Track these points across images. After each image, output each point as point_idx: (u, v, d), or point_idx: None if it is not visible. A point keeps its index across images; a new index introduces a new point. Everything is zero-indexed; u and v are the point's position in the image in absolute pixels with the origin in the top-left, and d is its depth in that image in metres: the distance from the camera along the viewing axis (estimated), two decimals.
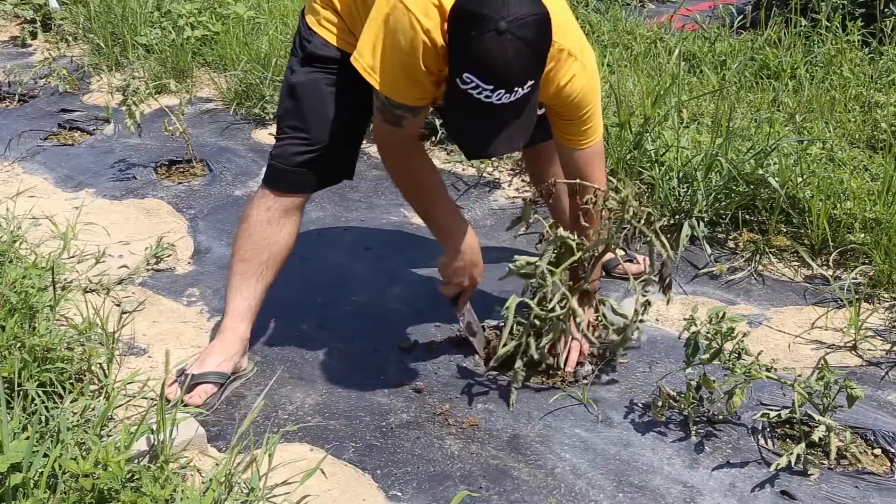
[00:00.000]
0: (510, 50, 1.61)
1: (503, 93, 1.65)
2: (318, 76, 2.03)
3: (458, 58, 1.67)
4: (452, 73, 1.70)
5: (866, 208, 2.63)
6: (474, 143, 1.80)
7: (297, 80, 2.06)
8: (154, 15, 4.74)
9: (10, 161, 3.50)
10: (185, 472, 1.70)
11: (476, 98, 1.67)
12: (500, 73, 1.63)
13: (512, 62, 1.62)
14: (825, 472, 1.81)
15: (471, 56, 1.64)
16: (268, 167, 2.10)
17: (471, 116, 1.73)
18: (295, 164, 2.05)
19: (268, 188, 2.09)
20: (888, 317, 2.39)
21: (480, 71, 1.64)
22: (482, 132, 1.76)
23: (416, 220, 2.98)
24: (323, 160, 2.06)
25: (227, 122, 3.95)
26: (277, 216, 2.08)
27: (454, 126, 1.84)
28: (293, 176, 2.07)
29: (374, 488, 1.78)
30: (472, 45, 1.63)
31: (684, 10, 4.71)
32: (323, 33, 2.03)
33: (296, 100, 2.06)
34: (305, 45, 2.05)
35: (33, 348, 1.87)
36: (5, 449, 1.44)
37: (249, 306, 2.11)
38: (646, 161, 3.03)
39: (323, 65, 2.03)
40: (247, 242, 2.09)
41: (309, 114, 2.04)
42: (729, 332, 1.87)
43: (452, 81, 1.70)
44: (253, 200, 2.12)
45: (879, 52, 3.79)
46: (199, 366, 2.05)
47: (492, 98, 1.66)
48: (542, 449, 1.89)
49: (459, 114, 1.75)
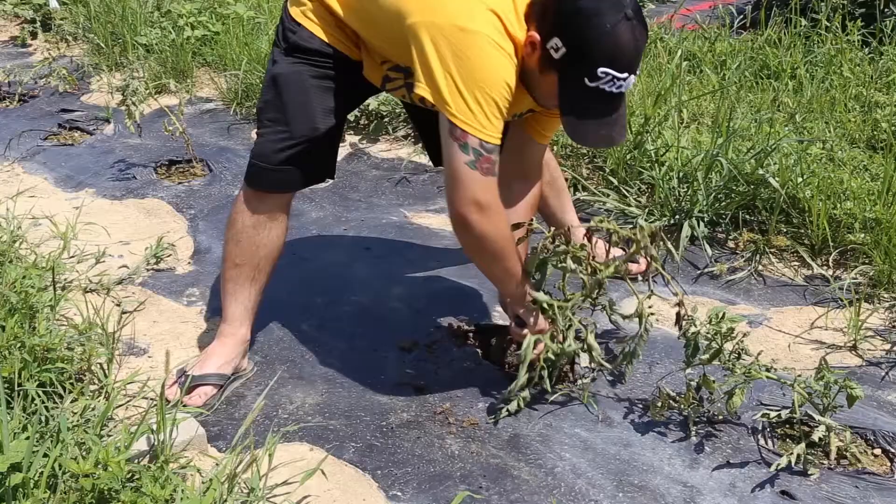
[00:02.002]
0: (639, 33, 1.68)
1: (632, 78, 1.70)
2: (303, 67, 1.96)
3: (588, 57, 1.68)
4: (578, 76, 1.69)
5: (866, 208, 2.63)
6: (608, 140, 1.80)
7: (279, 71, 1.98)
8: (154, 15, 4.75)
9: (10, 161, 3.50)
10: (185, 472, 1.70)
11: (608, 92, 1.70)
12: (634, 59, 1.69)
13: (641, 45, 1.70)
14: (825, 472, 1.81)
15: (606, 49, 1.66)
16: (249, 166, 2.04)
17: (597, 112, 1.74)
18: (276, 161, 1.98)
19: (250, 189, 2.04)
20: (888, 317, 2.39)
21: (617, 61, 1.67)
22: (614, 126, 1.77)
23: (416, 220, 2.98)
24: (305, 156, 1.99)
25: (227, 122, 3.95)
26: (264, 219, 2.04)
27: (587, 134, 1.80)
28: (275, 175, 2.00)
29: (374, 488, 1.78)
30: (607, 37, 1.65)
31: (684, 9, 4.71)
32: (308, 25, 1.95)
33: (277, 91, 1.98)
34: (289, 36, 1.97)
35: (33, 348, 1.87)
36: (5, 449, 1.44)
37: (246, 309, 2.11)
38: (646, 161, 3.04)
39: (307, 56, 1.96)
40: (236, 248, 2.06)
41: (290, 106, 1.97)
42: (729, 333, 1.87)
43: (577, 86, 1.70)
44: (237, 204, 2.06)
45: (879, 51, 3.80)
46: (199, 367, 2.05)
47: (622, 87, 1.70)
48: (542, 448, 1.89)
49: (591, 116, 1.75)
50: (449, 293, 2.51)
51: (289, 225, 2.12)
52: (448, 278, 2.53)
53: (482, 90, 1.70)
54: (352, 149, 3.62)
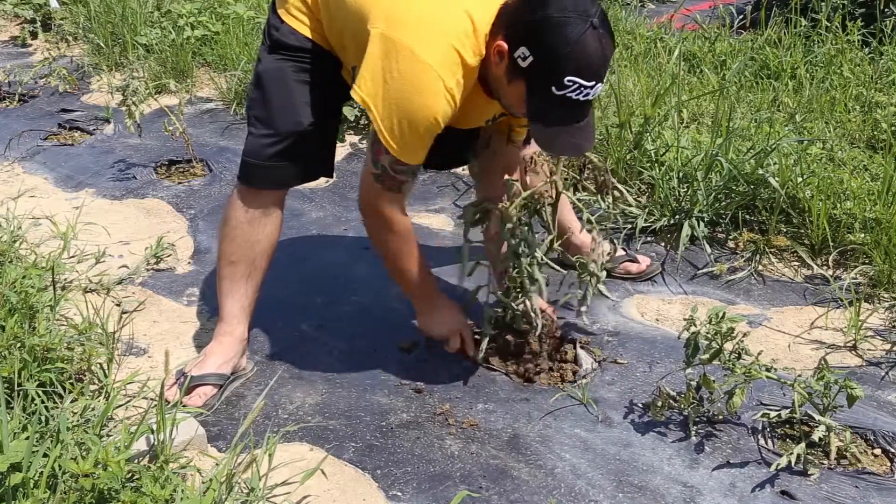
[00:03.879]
0: (605, 42, 1.69)
1: (599, 86, 1.71)
2: (285, 64, 1.98)
3: (556, 66, 1.67)
4: (545, 84, 1.69)
5: (866, 208, 2.63)
6: (576, 147, 1.81)
7: (262, 69, 2.01)
8: (154, 15, 4.75)
9: (10, 161, 3.50)
10: (185, 472, 1.70)
11: (574, 100, 1.70)
12: (601, 67, 1.70)
13: (607, 54, 1.70)
14: (825, 472, 1.81)
15: (574, 58, 1.66)
16: (241, 164, 2.05)
17: (565, 119, 1.74)
18: (266, 157, 2.00)
19: (243, 186, 2.05)
20: (888, 317, 2.39)
21: (584, 69, 1.67)
22: (583, 134, 1.77)
23: (415, 220, 2.97)
24: (293, 152, 2.00)
25: (227, 121, 3.95)
26: (258, 216, 2.04)
27: (553, 142, 1.81)
28: (266, 171, 2.01)
29: (374, 488, 1.78)
30: (574, 48, 1.65)
31: (684, 9, 4.72)
32: (291, 22, 1.97)
33: (261, 88, 2.00)
34: (272, 33, 2.00)
35: (33, 348, 1.87)
36: (5, 449, 1.44)
37: (243, 307, 2.11)
38: (646, 161, 3.04)
39: (290, 53, 1.97)
40: (231, 245, 2.07)
41: (274, 102, 1.98)
42: (729, 332, 1.87)
43: (544, 96, 1.70)
44: (231, 202, 2.08)
45: (879, 52, 3.80)
46: (198, 367, 2.05)
47: (589, 95, 1.70)
48: (542, 449, 1.89)
49: (558, 124, 1.75)
50: (449, 293, 2.50)
51: (283, 220, 2.12)
52: (448, 278, 2.53)
53: (411, 120, 1.75)
54: (352, 149, 3.62)
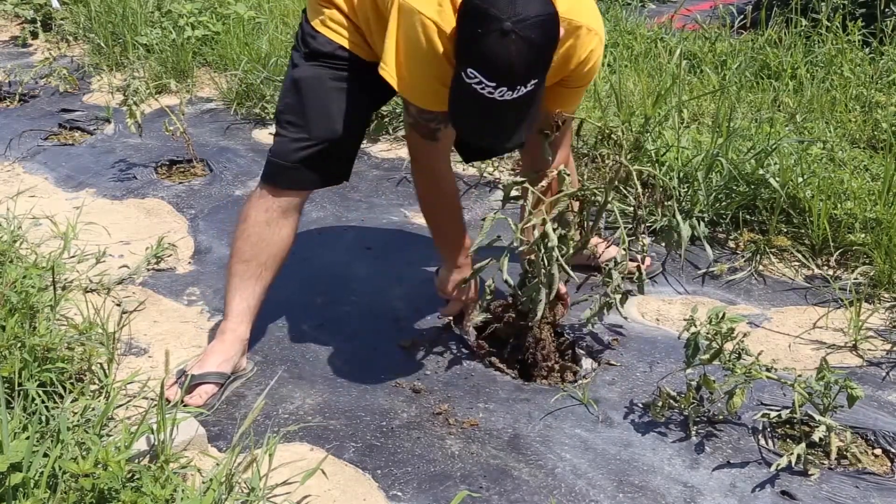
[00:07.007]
0: (514, 50, 1.62)
1: (505, 90, 1.67)
2: (324, 71, 2.02)
3: (464, 52, 1.69)
4: (458, 65, 1.70)
5: (867, 208, 2.63)
6: (479, 137, 1.83)
7: (301, 75, 2.04)
8: (154, 15, 4.75)
9: (10, 161, 3.50)
10: (185, 471, 1.70)
11: (479, 93, 1.68)
12: (503, 71, 1.65)
13: (515, 62, 1.64)
14: (825, 473, 1.80)
15: (475, 52, 1.65)
16: (266, 164, 2.09)
17: (474, 110, 1.73)
18: (294, 160, 2.03)
19: (266, 186, 2.08)
20: (888, 317, 2.38)
21: (484, 67, 1.65)
22: (486, 127, 1.77)
23: (416, 220, 2.98)
24: (322, 157, 2.05)
25: (228, 121, 3.95)
26: (276, 217, 2.07)
27: (458, 119, 1.83)
28: (292, 173, 2.05)
29: (374, 488, 1.78)
30: (477, 42, 1.64)
31: (685, 9, 4.71)
32: (328, 33, 2.02)
33: (298, 94, 2.04)
34: (309, 42, 2.04)
35: (33, 348, 1.87)
36: (5, 449, 1.44)
37: (249, 307, 2.11)
38: (646, 161, 3.03)
39: (329, 60, 2.02)
40: (245, 243, 2.08)
41: (311, 109, 2.03)
42: (729, 333, 1.87)
43: (458, 73, 1.71)
44: (251, 200, 2.11)
45: (880, 52, 3.80)
46: (199, 366, 2.05)
47: (494, 94, 1.67)
48: (542, 449, 1.89)
49: (463, 106, 1.76)
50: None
51: (298, 226, 2.13)
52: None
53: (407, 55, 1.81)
54: None
